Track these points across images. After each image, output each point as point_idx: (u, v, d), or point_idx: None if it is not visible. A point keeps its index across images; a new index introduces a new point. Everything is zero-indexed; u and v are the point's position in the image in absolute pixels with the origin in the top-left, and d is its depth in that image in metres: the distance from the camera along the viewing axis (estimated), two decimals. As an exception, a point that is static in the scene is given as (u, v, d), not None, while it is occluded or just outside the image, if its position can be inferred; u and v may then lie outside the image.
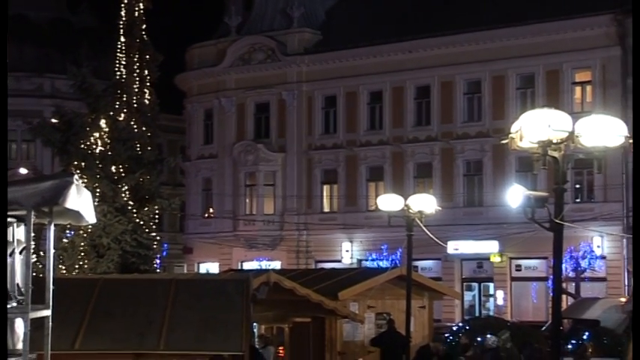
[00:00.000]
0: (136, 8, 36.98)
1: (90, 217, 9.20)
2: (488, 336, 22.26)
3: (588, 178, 45.88)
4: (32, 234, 8.51)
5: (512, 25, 46.90)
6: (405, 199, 20.87)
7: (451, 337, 26.46)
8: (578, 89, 47.26)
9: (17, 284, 8.40)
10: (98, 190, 32.47)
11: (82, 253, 33.60)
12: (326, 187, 54.60)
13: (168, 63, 42.78)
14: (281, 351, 22.03)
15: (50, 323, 8.77)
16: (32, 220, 8.42)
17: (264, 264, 48.32)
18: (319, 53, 54.03)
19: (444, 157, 50.15)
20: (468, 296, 49.01)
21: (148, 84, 37.34)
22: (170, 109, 54.67)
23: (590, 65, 46.74)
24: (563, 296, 31.43)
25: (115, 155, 34.71)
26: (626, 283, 43.36)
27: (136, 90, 36.56)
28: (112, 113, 35.41)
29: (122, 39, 36.81)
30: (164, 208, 39.73)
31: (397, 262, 43.88)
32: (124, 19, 36.93)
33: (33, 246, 8.60)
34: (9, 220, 8.33)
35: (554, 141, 10.01)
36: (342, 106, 53.59)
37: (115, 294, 12.74)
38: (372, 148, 52.42)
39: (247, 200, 55.56)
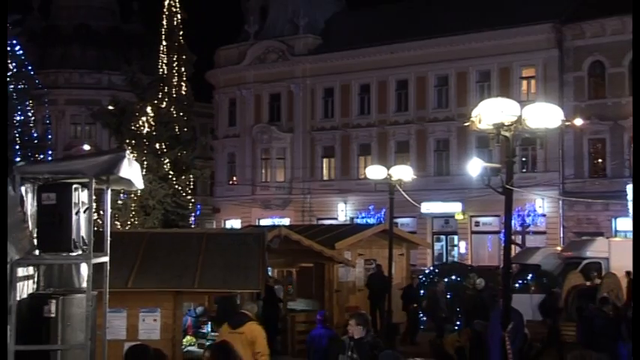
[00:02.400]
0: (175, 18, 36.86)
1: (139, 183, 9.21)
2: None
3: (532, 153, 45.87)
4: (93, 197, 8.55)
5: (473, 32, 46.64)
6: (388, 169, 20.82)
7: (424, 279, 26.53)
8: (524, 82, 47.07)
9: (82, 237, 8.39)
10: (145, 163, 32.44)
11: (133, 212, 33.66)
12: (325, 160, 54.48)
13: (200, 62, 42.81)
14: (290, 289, 22.07)
15: (108, 267, 8.84)
16: (93, 186, 8.43)
17: (277, 221, 48.32)
18: (320, 54, 53.76)
19: (418, 137, 50.04)
20: (437, 246, 48.97)
21: (185, 78, 37.28)
22: (202, 98, 54.62)
23: (534, 64, 46.53)
24: (512, 246, 31.53)
25: (158, 135, 34.70)
26: (561, 236, 43.44)
27: (175, 83, 36.50)
28: (156, 102, 35.37)
29: (164, 43, 36.70)
30: (197, 177, 39.80)
31: (381, 219, 43.88)
32: (165, 27, 36.80)
33: (94, 206, 8.64)
34: (75, 185, 8.34)
35: (506, 123, 9.98)
36: (337, 96, 53.40)
37: (159, 244, 12.77)
38: (362, 129, 52.28)
39: (263, 170, 55.53)
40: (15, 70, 28.64)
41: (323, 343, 13.49)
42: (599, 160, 44.88)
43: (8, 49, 28.46)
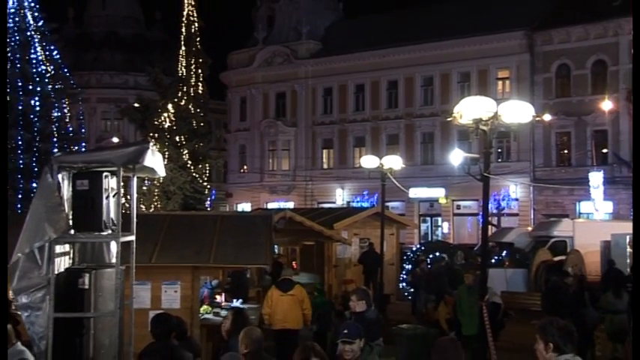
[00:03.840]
0: (193, 26, 36.78)
1: (161, 171, 9.18)
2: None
3: (507, 145, 45.77)
4: (121, 183, 8.53)
5: (455, 38, 46.48)
6: (380, 159, 20.81)
7: (411, 255, 26.55)
8: (500, 83, 46.97)
9: (111, 218, 8.38)
10: (166, 153, 32.44)
11: (156, 197, 33.68)
12: (325, 151, 54.42)
13: (215, 64, 42.72)
14: (294, 264, 22.07)
15: (134, 245, 8.83)
16: (121, 173, 8.40)
17: (282, 204, 48.33)
18: (320, 58, 53.63)
19: (406, 130, 50.00)
20: (423, 227, 49.03)
21: (201, 79, 37.22)
22: (216, 96, 54.56)
23: (508, 66, 46.42)
24: (489, 226, 31.64)
25: (178, 129, 34.69)
26: (532, 217, 43.44)
27: (193, 83, 36.46)
28: (176, 100, 35.34)
29: (183, 48, 36.65)
30: (212, 166, 39.82)
31: (374, 203, 43.83)
32: (184, 33, 36.74)
33: (122, 192, 8.62)
34: (105, 173, 8.32)
35: (484, 119, 9.94)
36: (336, 94, 53.30)
37: (179, 225, 12.74)
38: (357, 123, 52.20)
39: (270, 160, 55.49)
40: (53, 72, 28.56)
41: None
42: (565, 151, 44.89)
43: (47, 53, 28.39)
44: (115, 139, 48.27)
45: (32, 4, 28.00)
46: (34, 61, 27.85)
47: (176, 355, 7.08)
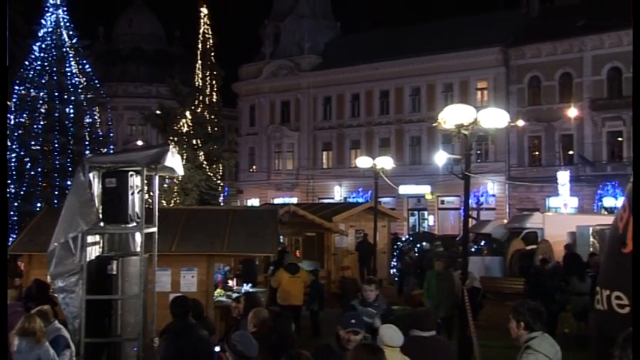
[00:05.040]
0: (208, 42, 36.60)
1: (180, 171, 9.19)
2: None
3: (485, 147, 45.74)
4: (145, 181, 8.54)
5: (439, 53, 46.43)
6: (373, 159, 20.78)
7: (401, 244, 26.47)
8: (479, 92, 46.90)
9: (136, 212, 8.40)
10: (184, 155, 32.25)
11: (175, 193, 33.55)
12: (324, 153, 54.34)
13: (227, 76, 42.48)
14: (297, 253, 22.04)
15: (156, 235, 8.83)
16: (144, 173, 8.43)
17: (287, 200, 48.28)
18: (320, 70, 53.63)
19: (397, 134, 49.96)
20: (411, 219, 48.97)
21: (215, 89, 36.97)
22: (229, 104, 54.38)
23: (486, 78, 46.36)
24: (470, 219, 31.66)
25: (195, 133, 34.53)
26: (507, 211, 43.40)
27: (208, 93, 36.26)
28: (193, 107, 35.17)
29: (199, 61, 36.45)
30: (225, 166, 39.60)
31: (368, 198, 43.78)
32: (200, 49, 36.56)
33: (145, 189, 8.61)
34: (130, 172, 8.32)
35: (465, 124, 9.89)
36: (334, 103, 53.23)
37: (195, 218, 12.75)
38: (353, 128, 52.16)
39: (276, 161, 55.49)
40: (85, 83, 28.50)
41: None
42: (536, 153, 44.88)
43: (80, 67, 28.37)
44: (140, 142, 48.19)
45: (67, 24, 27.98)
46: (69, 74, 27.79)
47: (194, 332, 7.08)
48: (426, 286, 13.65)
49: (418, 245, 25.03)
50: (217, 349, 6.76)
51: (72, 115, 27.58)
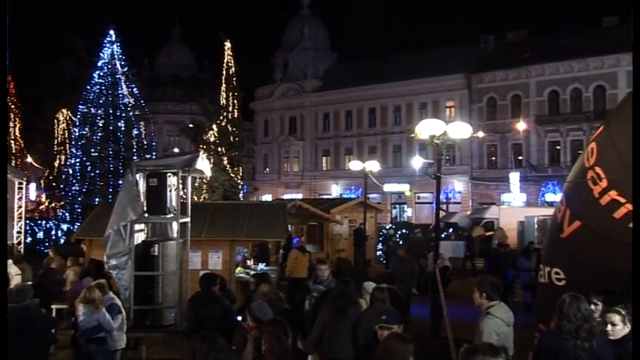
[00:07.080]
0: (230, 70, 36.45)
1: (208, 172, 9.22)
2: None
3: (453, 153, 45.55)
4: (180, 181, 8.55)
5: (416, 78, 46.41)
6: (363, 163, 20.80)
7: (385, 231, 26.40)
8: (448, 110, 46.66)
9: (173, 206, 8.42)
10: (212, 160, 32.14)
11: (204, 190, 33.46)
12: (324, 158, 54.14)
13: (246, 96, 42.43)
14: (302, 239, 22.07)
15: (189, 224, 8.83)
16: (180, 174, 8.45)
17: (294, 196, 48.22)
18: (321, 92, 53.55)
19: (382, 143, 49.87)
20: (394, 212, 48.91)
21: (236, 107, 36.89)
22: (247, 119, 54.21)
23: (453, 98, 46.22)
24: (440, 211, 31.61)
25: (220, 142, 34.43)
26: (470, 205, 43.31)
27: (230, 110, 36.13)
28: (218, 122, 35.11)
29: (224, 85, 36.33)
30: (244, 169, 39.51)
31: (359, 195, 43.67)
32: (224, 75, 36.47)
33: (180, 187, 8.62)
34: (169, 174, 8.33)
35: (436, 135, 9.89)
36: (332, 118, 53.07)
37: (220, 210, 12.74)
38: (347, 138, 52.04)
39: (285, 164, 55.34)
40: (133, 103, 28.65)
41: None
42: (493, 158, 44.84)
43: (129, 90, 28.45)
44: (176, 150, 48.13)
45: (120, 56, 28.17)
46: (121, 95, 27.91)
47: (218, 301, 7.10)
48: (393, 271, 13.26)
49: (399, 232, 25.00)
50: (239, 318, 6.74)
51: (123, 128, 27.71)
